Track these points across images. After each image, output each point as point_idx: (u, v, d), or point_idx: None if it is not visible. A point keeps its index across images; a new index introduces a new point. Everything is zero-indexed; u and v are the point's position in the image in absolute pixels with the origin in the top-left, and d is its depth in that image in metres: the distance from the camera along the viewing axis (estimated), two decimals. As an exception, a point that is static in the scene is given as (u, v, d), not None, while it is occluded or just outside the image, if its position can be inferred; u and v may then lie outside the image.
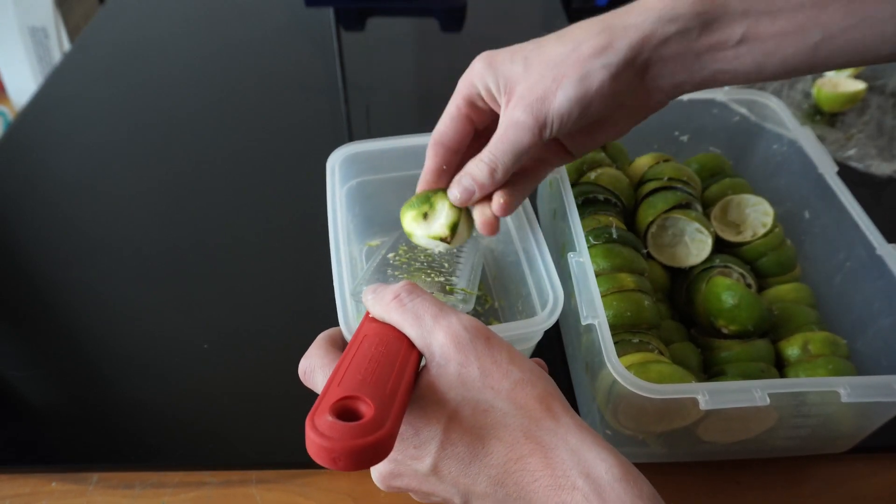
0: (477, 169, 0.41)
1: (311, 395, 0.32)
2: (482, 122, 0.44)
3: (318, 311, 0.39)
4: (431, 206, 0.44)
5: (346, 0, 1.03)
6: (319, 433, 0.26)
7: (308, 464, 0.50)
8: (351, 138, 0.56)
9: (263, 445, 0.51)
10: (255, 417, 0.52)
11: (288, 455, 0.50)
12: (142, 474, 0.49)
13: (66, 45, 1.73)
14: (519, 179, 0.44)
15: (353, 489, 0.48)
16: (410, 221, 0.45)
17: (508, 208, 0.43)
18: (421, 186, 0.45)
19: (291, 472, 0.50)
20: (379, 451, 0.27)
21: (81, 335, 0.58)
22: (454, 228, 0.43)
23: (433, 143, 0.43)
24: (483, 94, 0.42)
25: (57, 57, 1.72)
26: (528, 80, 0.39)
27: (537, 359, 0.36)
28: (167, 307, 0.61)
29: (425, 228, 0.44)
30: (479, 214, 0.44)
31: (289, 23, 1.01)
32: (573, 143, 0.44)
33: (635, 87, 0.39)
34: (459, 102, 0.43)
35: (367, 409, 0.28)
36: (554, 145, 0.45)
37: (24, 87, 1.79)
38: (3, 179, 0.74)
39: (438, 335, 0.32)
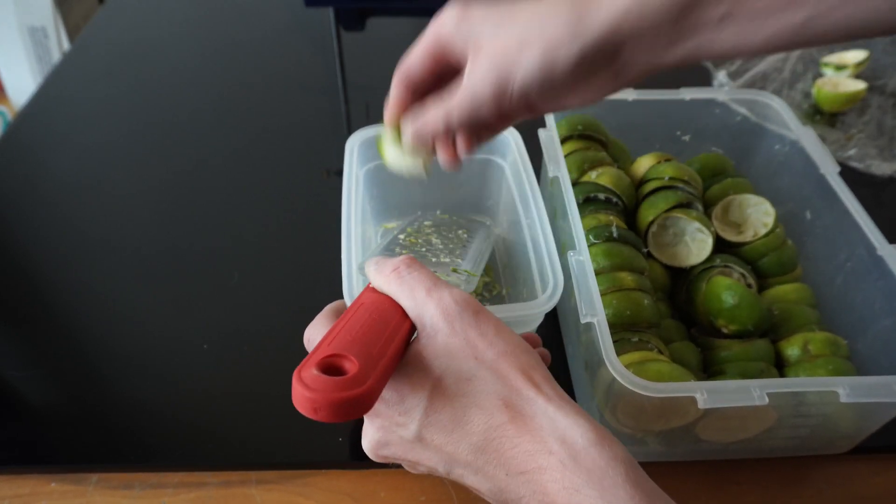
0: (433, 119, 0.42)
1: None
2: (448, 68, 0.43)
3: (318, 310, 0.39)
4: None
5: (346, 0, 1.03)
6: (304, 385, 0.28)
7: (308, 464, 0.50)
8: (351, 138, 0.56)
9: (263, 445, 0.50)
10: (255, 417, 0.52)
11: (288, 455, 0.50)
12: (141, 475, 0.49)
13: (66, 45, 1.73)
14: (481, 128, 0.44)
15: (353, 489, 0.48)
16: (387, 149, 0.47)
17: (467, 152, 0.44)
18: (388, 117, 0.45)
19: (291, 472, 0.49)
20: (359, 405, 0.29)
21: (81, 335, 0.58)
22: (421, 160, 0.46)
23: (400, 74, 0.43)
24: (451, 47, 0.41)
25: (56, 57, 1.72)
26: (494, 44, 0.39)
27: (530, 333, 0.37)
28: (167, 307, 0.61)
29: (399, 157, 0.46)
30: (441, 153, 0.45)
31: (289, 23, 1.01)
32: (536, 104, 0.43)
33: (605, 67, 0.38)
34: (430, 46, 0.42)
35: (351, 366, 0.30)
36: (516, 102, 0.43)
37: (23, 86, 1.79)
38: (2, 179, 0.74)
39: (430, 307, 0.33)
